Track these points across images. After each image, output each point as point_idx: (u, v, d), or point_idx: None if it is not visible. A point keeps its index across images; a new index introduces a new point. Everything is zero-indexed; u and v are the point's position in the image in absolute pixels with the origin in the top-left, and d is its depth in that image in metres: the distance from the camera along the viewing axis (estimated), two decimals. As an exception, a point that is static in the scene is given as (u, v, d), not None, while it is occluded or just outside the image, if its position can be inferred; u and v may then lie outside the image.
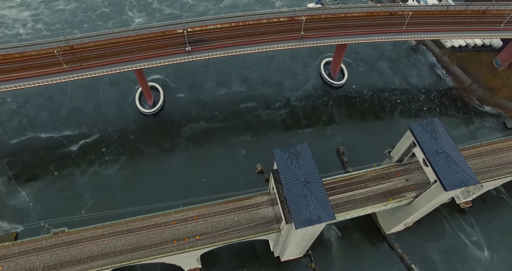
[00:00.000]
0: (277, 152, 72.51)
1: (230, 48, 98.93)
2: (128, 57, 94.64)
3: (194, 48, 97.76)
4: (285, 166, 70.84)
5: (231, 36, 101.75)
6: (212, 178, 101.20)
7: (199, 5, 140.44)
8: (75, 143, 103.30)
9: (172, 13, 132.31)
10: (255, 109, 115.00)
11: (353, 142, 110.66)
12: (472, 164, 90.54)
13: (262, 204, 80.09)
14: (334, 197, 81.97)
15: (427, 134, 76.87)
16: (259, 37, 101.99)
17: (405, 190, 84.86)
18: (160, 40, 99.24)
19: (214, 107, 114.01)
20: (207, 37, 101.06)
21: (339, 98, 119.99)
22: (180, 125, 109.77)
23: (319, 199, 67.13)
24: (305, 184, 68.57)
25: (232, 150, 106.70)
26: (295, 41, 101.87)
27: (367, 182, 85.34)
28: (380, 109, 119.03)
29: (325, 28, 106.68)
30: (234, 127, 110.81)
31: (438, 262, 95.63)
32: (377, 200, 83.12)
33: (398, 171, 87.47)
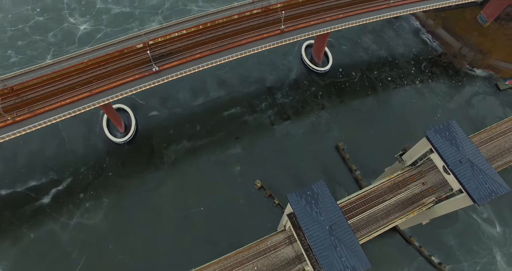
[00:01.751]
0: (293, 198, 63.27)
1: (203, 59, 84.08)
2: (86, 91, 78.75)
3: (161, 66, 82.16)
4: (305, 213, 62.17)
5: (201, 42, 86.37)
6: (210, 204, 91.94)
7: None
8: (45, 193, 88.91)
9: (121, 12, 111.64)
10: (240, 115, 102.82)
11: (351, 135, 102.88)
12: (485, 151, 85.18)
13: (279, 245, 72.30)
14: (354, 220, 75.09)
15: (447, 142, 69.42)
16: (234, 38, 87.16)
17: (423, 195, 79.16)
18: (119, 61, 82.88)
19: (194, 121, 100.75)
20: (174, 48, 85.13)
21: (327, 86, 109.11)
22: (161, 150, 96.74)
23: (350, 247, 59.93)
24: (331, 232, 60.68)
25: (225, 168, 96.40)
26: (276, 38, 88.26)
27: (384, 195, 78.67)
28: (372, 91, 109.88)
29: (305, 14, 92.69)
30: (222, 141, 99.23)
31: (455, 248, 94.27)
32: (398, 212, 77.25)
33: (413, 175, 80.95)
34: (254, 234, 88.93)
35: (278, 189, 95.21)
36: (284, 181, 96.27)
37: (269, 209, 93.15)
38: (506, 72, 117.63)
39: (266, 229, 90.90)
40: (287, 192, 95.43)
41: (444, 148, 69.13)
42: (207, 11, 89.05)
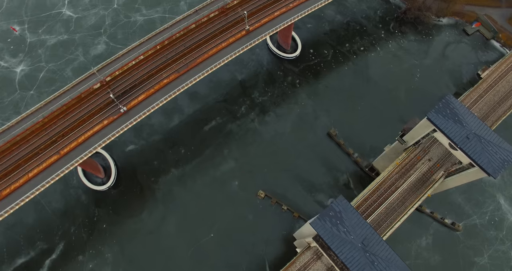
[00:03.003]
0: (317, 224, 60.78)
1: (172, 84, 76.32)
2: (54, 154, 69.67)
3: (128, 103, 73.54)
4: (333, 236, 60.10)
5: (164, 65, 77.97)
6: (219, 228, 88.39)
7: (86, 17, 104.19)
8: (39, 267, 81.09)
9: (59, 42, 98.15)
10: (222, 125, 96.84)
11: (340, 118, 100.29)
12: (478, 110, 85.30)
13: (308, 264, 70.35)
14: (373, 216, 74.18)
15: (450, 121, 67.93)
16: (199, 51, 79.09)
17: (432, 172, 79.38)
18: (79, 109, 73.40)
19: (176, 145, 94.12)
20: (136, 79, 76.51)
21: (303, 72, 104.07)
22: (151, 185, 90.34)
23: (387, 259, 59.11)
24: (364, 249, 59.09)
25: (223, 186, 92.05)
26: (244, 41, 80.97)
27: (395, 182, 78.04)
28: (349, 66, 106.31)
29: (266, 5, 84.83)
30: (211, 158, 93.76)
31: (463, 204, 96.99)
32: (412, 196, 77.06)
33: (418, 154, 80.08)
34: (272, 246, 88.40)
35: (283, 194, 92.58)
36: (287, 183, 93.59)
37: (278, 216, 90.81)
38: (471, 15, 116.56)
39: (281, 237, 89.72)
40: (292, 194, 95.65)
41: (448, 128, 67.65)
42: (159, 29, 79.39)
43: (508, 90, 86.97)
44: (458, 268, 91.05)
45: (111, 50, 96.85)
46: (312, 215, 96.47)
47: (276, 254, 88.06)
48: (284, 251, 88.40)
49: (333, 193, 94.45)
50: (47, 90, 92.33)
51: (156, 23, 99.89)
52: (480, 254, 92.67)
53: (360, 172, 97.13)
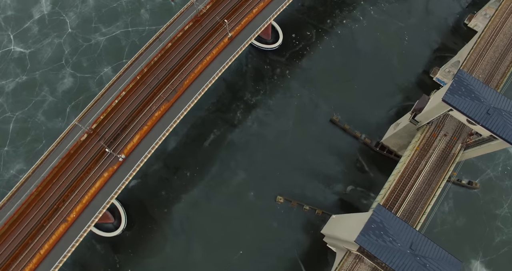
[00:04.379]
0: (362, 240, 59.58)
1: (166, 116, 70.10)
2: (61, 223, 63.94)
3: (124, 148, 67.46)
4: (380, 248, 58.76)
5: (150, 96, 71.09)
6: (247, 243, 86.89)
7: (40, 50, 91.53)
8: None
9: (19, 85, 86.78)
10: (222, 137, 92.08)
11: (339, 101, 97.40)
12: (481, 71, 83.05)
13: (353, 268, 69.80)
14: (404, 207, 73.47)
15: (467, 99, 65.76)
16: (184, 72, 72.19)
17: (450, 147, 78.28)
18: (73, 167, 66.87)
19: (180, 169, 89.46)
20: (124, 120, 69.71)
21: (290, 60, 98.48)
22: (164, 217, 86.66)
23: (437, 258, 59.14)
24: (413, 253, 58.56)
25: (239, 200, 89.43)
26: (230, 49, 74.43)
27: (417, 166, 76.59)
28: (335, 44, 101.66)
29: (240, 4, 76.82)
30: (220, 174, 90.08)
31: (475, 161, 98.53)
32: (436, 176, 76.44)
33: (433, 131, 78.38)
34: (303, 248, 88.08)
35: (301, 193, 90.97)
36: (302, 182, 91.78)
37: (302, 217, 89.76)
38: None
39: (310, 237, 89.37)
40: (311, 191, 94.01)
41: (467, 106, 65.55)
42: (134, 56, 71.34)
43: (506, 43, 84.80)
44: (483, 223, 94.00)
45: (81, 82, 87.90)
46: (335, 208, 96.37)
47: (309, 254, 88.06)
48: (316, 249, 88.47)
49: (349, 180, 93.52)
50: (23, 142, 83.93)
51: (120, 41, 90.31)
52: (500, 206, 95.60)
53: (371, 152, 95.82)
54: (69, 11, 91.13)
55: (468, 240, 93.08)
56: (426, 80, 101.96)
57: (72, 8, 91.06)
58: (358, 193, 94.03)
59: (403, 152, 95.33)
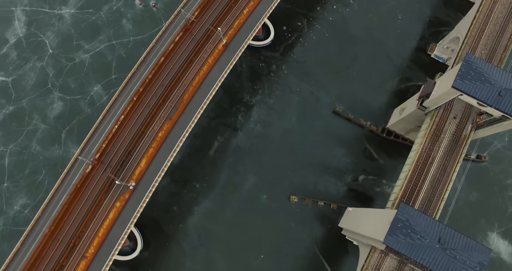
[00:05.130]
0: (390, 240, 59.39)
1: (172, 134, 67.80)
2: (80, 260, 62.34)
3: (132, 175, 65.45)
4: (409, 246, 58.73)
5: (150, 116, 68.51)
6: (267, 247, 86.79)
7: (23, 76, 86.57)
8: None
9: (7, 116, 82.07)
10: (227, 143, 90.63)
11: (340, 91, 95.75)
12: (483, 46, 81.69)
13: (380, 264, 70.24)
14: (423, 195, 73.44)
15: (477, 83, 64.68)
16: (182, 87, 69.55)
17: (461, 129, 77.61)
18: (82, 203, 64.59)
19: (188, 181, 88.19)
20: (128, 144, 67.21)
21: (284, 54, 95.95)
22: (180, 232, 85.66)
23: (465, 248, 59.49)
24: (442, 247, 58.77)
25: (253, 204, 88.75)
26: (227, 56, 71.25)
27: (430, 152, 76.06)
28: (328, 31, 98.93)
29: (230, 6, 73.25)
30: (230, 181, 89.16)
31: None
32: (450, 161, 76.17)
33: (442, 115, 77.54)
34: (324, 244, 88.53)
35: (314, 189, 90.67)
36: (313, 178, 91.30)
37: (318, 213, 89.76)
38: None
39: (329, 232, 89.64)
40: (323, 186, 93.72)
41: (478, 91, 64.46)
42: (127, 77, 67.91)
43: (505, 14, 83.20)
44: (495, 195, 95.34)
45: (71, 105, 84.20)
46: (349, 200, 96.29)
47: (329, 249, 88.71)
48: (336, 243, 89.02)
49: (360, 170, 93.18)
50: (22, 175, 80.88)
51: (106, 55, 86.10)
52: (510, 176, 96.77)
53: (378, 138, 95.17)
54: (46, 30, 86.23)
55: (483, 213, 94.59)
56: (424, 58, 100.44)
57: (49, 27, 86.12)
58: (370, 181, 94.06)
59: (411, 135, 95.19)
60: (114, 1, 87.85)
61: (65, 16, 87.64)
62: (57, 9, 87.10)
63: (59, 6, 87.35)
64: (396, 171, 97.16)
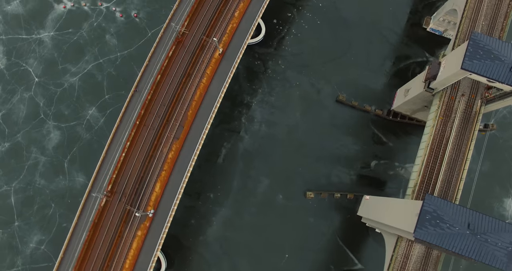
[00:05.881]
0: (421, 234, 59.26)
1: (182, 154, 66.09)
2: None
3: (148, 202, 64.15)
4: (440, 236, 58.99)
5: (157, 139, 66.29)
6: (290, 245, 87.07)
7: (13, 109, 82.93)
8: None
9: (4, 154, 79.13)
10: (234, 149, 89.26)
11: (340, 79, 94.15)
12: (484, 17, 79.72)
13: (408, 252, 70.87)
14: (441, 178, 73.44)
15: (487, 61, 63.56)
16: (183, 103, 67.29)
17: (471, 105, 77.03)
18: (103, 238, 63.28)
19: (202, 193, 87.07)
20: (138, 171, 65.25)
21: (279, 49, 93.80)
22: (202, 245, 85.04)
23: (495, 230, 59.78)
24: (473, 233, 58.97)
25: (270, 206, 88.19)
26: (226, 65, 68.48)
27: (443, 133, 75.60)
28: (320, 18, 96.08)
29: (219, 10, 70.02)
30: (243, 187, 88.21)
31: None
32: (464, 140, 75.82)
33: (451, 94, 76.60)
34: (345, 234, 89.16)
35: (328, 182, 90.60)
36: (326, 171, 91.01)
37: (335, 205, 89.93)
38: None
39: (348, 222, 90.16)
40: (337, 177, 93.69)
41: (488, 69, 63.38)
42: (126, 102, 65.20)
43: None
44: (506, 161, 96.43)
45: (69, 132, 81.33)
46: (364, 187, 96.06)
47: (352, 239, 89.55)
48: (357, 232, 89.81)
49: (371, 155, 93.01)
50: (31, 212, 78.84)
51: (95, 76, 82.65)
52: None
53: (385, 122, 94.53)
54: (28, 58, 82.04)
55: (497, 181, 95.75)
56: (420, 32, 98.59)
57: (30, 54, 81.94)
58: (383, 165, 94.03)
59: (418, 114, 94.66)
60: (94, 17, 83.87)
61: (45, 40, 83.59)
62: (34, 33, 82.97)
63: (36, 30, 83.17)
64: (407, 152, 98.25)
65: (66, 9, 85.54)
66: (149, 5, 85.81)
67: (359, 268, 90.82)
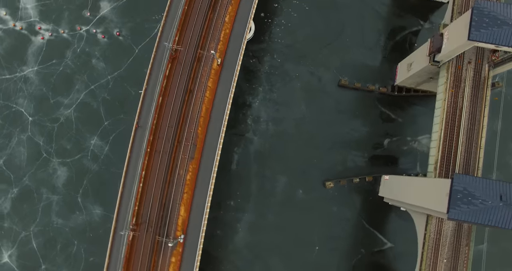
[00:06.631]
0: (455, 213, 59.21)
1: (201, 174, 64.51)
2: None
3: (175, 228, 63.09)
4: (474, 213, 59.09)
5: (172, 162, 64.61)
6: (317, 238, 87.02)
7: (13, 154, 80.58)
8: None
9: (19, 197, 76.92)
10: (246, 152, 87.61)
11: (340, 63, 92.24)
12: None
13: (439, 227, 71.31)
14: (460, 149, 73.00)
15: (493, 28, 61.76)
16: (191, 122, 65.17)
17: (478, 71, 75.84)
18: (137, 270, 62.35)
19: (222, 202, 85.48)
20: (159, 199, 63.79)
21: (271, 43, 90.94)
22: (232, 252, 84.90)
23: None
24: (506, 204, 59.07)
25: (291, 203, 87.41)
26: (225, 76, 66.08)
27: (455, 105, 74.64)
28: (308, 4, 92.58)
29: (208, 17, 66.93)
30: (262, 189, 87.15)
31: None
32: (478, 107, 74.95)
33: (457, 64, 75.13)
34: (370, 216, 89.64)
35: (345, 168, 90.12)
36: (340, 158, 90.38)
37: (355, 190, 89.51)
38: None
39: (371, 203, 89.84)
40: (352, 163, 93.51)
41: (496, 37, 61.76)
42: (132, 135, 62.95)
43: None
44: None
45: (76, 167, 79.31)
46: (381, 167, 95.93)
47: (378, 220, 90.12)
48: (381, 212, 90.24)
49: (383, 134, 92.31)
50: (55, 253, 76.50)
51: (90, 104, 79.74)
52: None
53: (391, 98, 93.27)
54: (17, 98, 78.68)
55: (509, 138, 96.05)
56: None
57: (18, 93, 78.46)
58: (395, 142, 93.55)
59: (423, 86, 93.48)
60: (75, 43, 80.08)
61: (30, 76, 79.97)
62: (18, 71, 79.25)
63: (19, 68, 79.41)
64: (417, 125, 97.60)
65: (45, 39, 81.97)
66: (130, 21, 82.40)
67: (389, 247, 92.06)
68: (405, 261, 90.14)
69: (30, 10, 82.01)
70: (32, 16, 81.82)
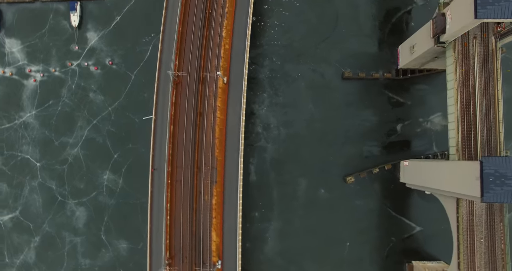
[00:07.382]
0: (489, 196, 59.31)
1: (227, 196, 63.01)
2: None
3: (210, 254, 61.91)
4: (509, 193, 58.67)
5: (195, 188, 62.69)
6: (346, 234, 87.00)
7: (28, 203, 78.62)
8: None
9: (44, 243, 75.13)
10: (261, 160, 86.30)
11: (340, 55, 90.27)
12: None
13: (471, 210, 71.04)
14: (479, 127, 72.01)
15: (501, 3, 60.06)
16: (207, 146, 63.35)
17: (485, 45, 73.80)
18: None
19: (245, 213, 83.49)
20: (189, 228, 62.54)
21: (268, 47, 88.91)
22: (265, 262, 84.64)
23: None
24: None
25: (315, 203, 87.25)
26: (234, 93, 64.33)
27: (467, 82, 73.30)
28: (298, 1, 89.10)
29: (204, 35, 64.50)
30: (283, 194, 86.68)
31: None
32: (490, 81, 73.71)
33: (463, 41, 73.57)
34: (395, 204, 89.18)
35: (363, 161, 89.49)
36: (356, 150, 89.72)
37: (376, 180, 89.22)
38: None
39: (395, 192, 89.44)
40: (369, 153, 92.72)
41: (505, 11, 60.18)
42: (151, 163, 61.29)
43: None
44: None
45: (93, 205, 78.03)
46: (399, 154, 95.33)
47: (403, 206, 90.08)
48: (405, 198, 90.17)
49: (395, 120, 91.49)
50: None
51: (96, 139, 78.19)
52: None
53: (396, 82, 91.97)
54: (20, 145, 76.83)
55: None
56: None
57: (21, 141, 76.51)
58: (408, 126, 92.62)
59: (428, 65, 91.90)
60: (69, 80, 77.72)
61: (30, 121, 78.09)
62: (16, 119, 77.28)
63: (16, 115, 77.45)
64: (426, 104, 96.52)
65: (38, 81, 79.83)
66: (120, 47, 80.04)
67: (418, 231, 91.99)
68: (436, 243, 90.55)
69: (16, 54, 79.98)
70: (20, 59, 79.84)
